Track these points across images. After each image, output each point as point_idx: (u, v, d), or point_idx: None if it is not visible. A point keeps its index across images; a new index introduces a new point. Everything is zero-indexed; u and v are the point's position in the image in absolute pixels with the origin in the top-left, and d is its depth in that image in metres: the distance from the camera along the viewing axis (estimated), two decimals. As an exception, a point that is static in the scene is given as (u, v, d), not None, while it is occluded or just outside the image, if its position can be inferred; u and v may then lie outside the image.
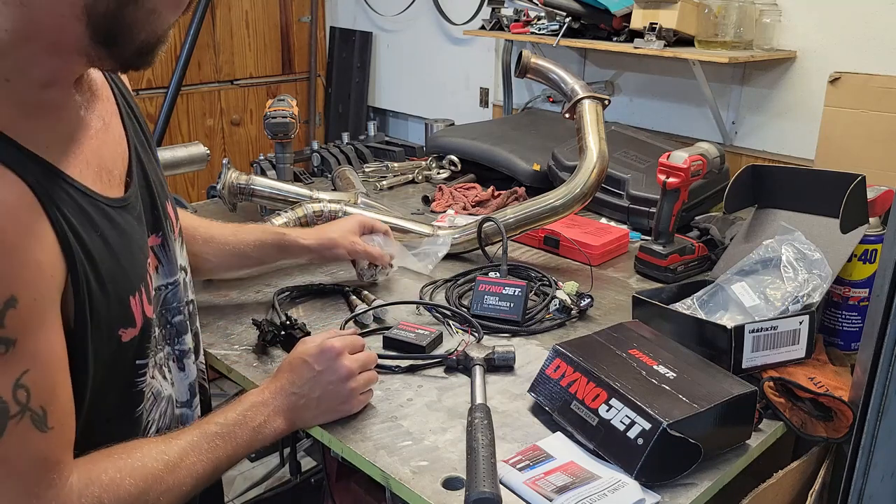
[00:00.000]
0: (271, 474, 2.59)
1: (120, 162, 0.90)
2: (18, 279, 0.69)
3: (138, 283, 0.87)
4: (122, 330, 0.84)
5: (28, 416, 0.71)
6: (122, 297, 0.83)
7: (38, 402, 0.72)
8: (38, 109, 0.76)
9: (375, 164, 2.29)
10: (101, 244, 0.80)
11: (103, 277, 0.80)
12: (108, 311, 0.81)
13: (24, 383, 0.71)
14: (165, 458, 0.84)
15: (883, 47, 1.90)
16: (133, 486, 0.79)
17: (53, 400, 0.74)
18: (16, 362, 0.70)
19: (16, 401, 0.70)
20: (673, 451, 0.95)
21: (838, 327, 1.32)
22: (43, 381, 0.73)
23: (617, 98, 2.49)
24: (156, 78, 3.12)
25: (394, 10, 3.29)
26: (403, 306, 1.42)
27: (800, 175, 1.47)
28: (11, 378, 0.70)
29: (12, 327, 0.69)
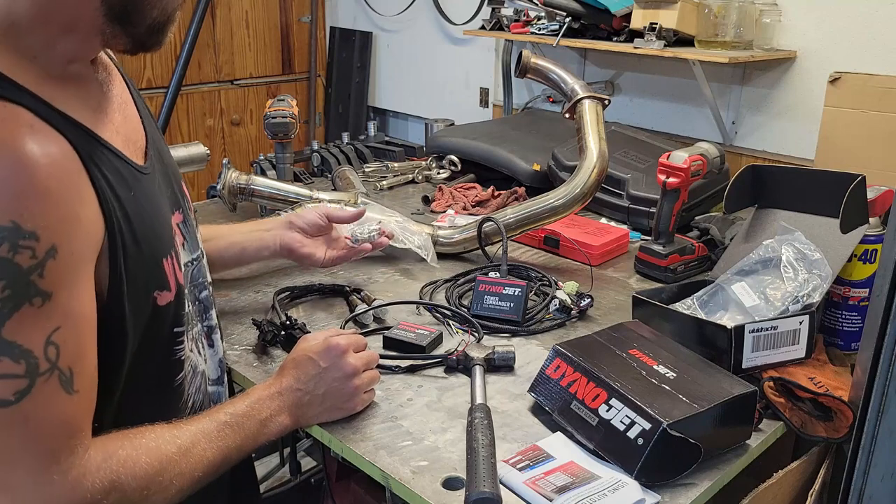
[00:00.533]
0: (271, 474, 2.59)
1: (139, 138, 0.93)
2: (60, 230, 0.70)
3: (169, 247, 0.88)
4: (158, 293, 0.85)
5: (56, 376, 0.70)
6: (156, 257, 0.85)
7: (67, 362, 0.71)
8: (66, 82, 0.79)
9: (375, 164, 2.29)
10: (135, 204, 0.82)
11: (138, 236, 0.81)
12: (143, 271, 0.82)
13: (54, 340, 0.70)
14: (178, 443, 0.83)
15: (883, 47, 1.90)
16: (149, 465, 0.79)
17: (81, 362, 0.73)
18: (49, 317, 0.70)
19: (46, 357, 0.69)
20: (673, 451, 0.95)
21: (838, 327, 1.32)
22: (73, 341, 0.72)
23: (617, 98, 2.49)
24: (156, 78, 3.12)
25: (394, 10, 3.30)
26: (403, 306, 1.42)
27: (800, 175, 1.47)
28: (44, 334, 0.69)
29: (51, 280, 0.69)
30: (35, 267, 0.68)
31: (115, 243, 0.78)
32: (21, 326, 0.68)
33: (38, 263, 0.68)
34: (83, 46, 0.80)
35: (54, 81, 0.76)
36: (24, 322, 0.68)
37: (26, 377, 0.68)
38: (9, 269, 0.66)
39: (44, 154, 0.70)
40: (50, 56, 0.77)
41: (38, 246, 0.68)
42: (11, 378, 0.68)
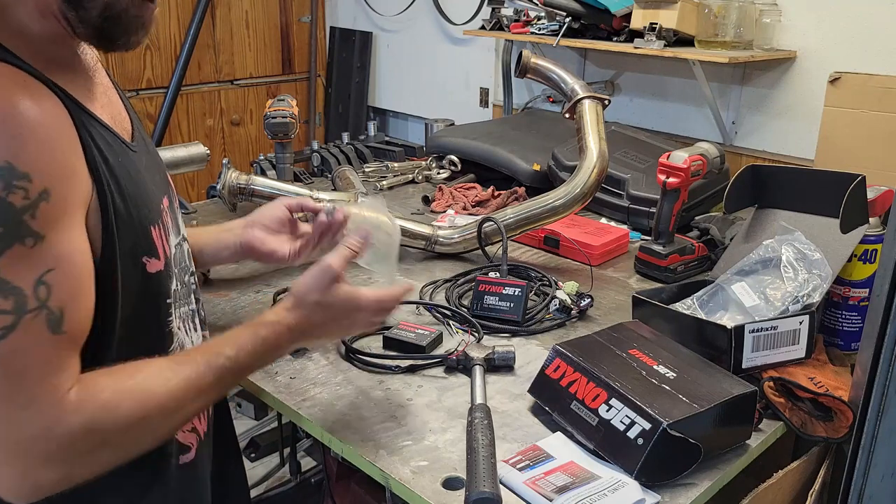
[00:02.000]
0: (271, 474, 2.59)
1: (126, 122, 0.94)
2: (53, 175, 0.72)
3: (157, 216, 0.90)
4: (147, 259, 0.86)
5: (44, 315, 0.71)
6: (144, 223, 0.86)
7: (58, 302, 0.72)
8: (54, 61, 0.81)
9: (375, 164, 2.29)
10: (124, 168, 0.84)
11: (127, 199, 0.83)
12: (133, 235, 0.83)
13: (46, 280, 0.71)
14: (169, 385, 0.82)
15: (883, 47, 1.90)
16: (131, 409, 0.78)
17: (73, 305, 0.74)
18: (41, 258, 0.71)
19: (36, 296, 0.70)
20: (673, 451, 0.95)
21: (838, 327, 1.32)
22: (66, 283, 0.73)
23: (617, 98, 2.49)
24: (156, 78, 3.12)
25: (394, 10, 3.30)
26: (403, 306, 1.42)
27: (800, 175, 1.47)
28: (35, 273, 0.71)
29: (43, 221, 0.70)
30: (28, 207, 0.70)
31: (105, 201, 0.79)
32: (12, 264, 0.69)
33: (31, 204, 0.70)
34: (58, 30, 0.82)
35: (45, 59, 0.79)
36: (16, 260, 0.69)
37: (13, 313, 0.69)
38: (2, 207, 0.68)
39: (37, 104, 0.72)
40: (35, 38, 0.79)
41: (31, 187, 0.70)
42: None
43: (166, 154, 1.88)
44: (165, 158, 1.85)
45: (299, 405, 1.12)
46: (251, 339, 0.91)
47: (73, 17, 0.80)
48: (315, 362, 1.24)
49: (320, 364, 1.24)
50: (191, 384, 0.83)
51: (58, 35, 0.82)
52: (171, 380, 0.82)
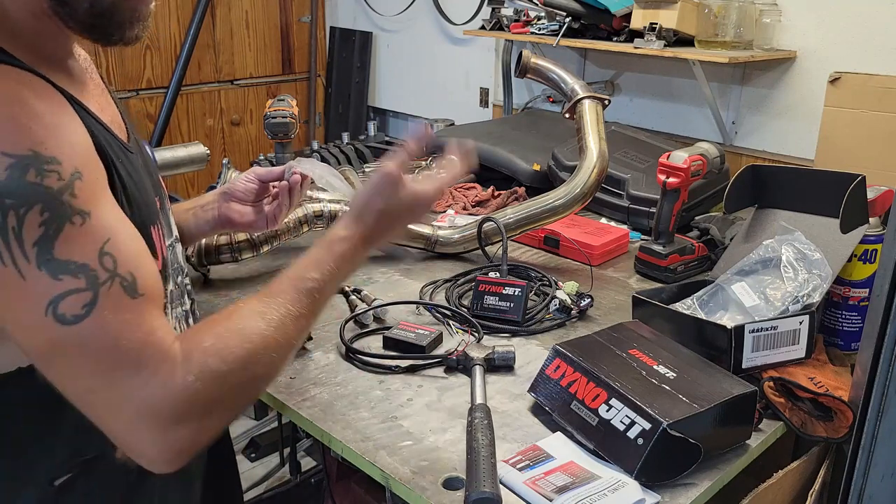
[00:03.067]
0: (271, 474, 2.59)
1: (121, 124, 0.95)
2: (78, 157, 0.72)
3: (155, 217, 0.90)
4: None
5: (118, 282, 0.72)
6: (145, 223, 0.86)
7: (126, 268, 0.73)
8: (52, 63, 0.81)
9: (375, 164, 2.29)
10: (125, 169, 0.84)
11: (131, 199, 0.83)
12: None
13: (108, 251, 0.72)
14: (268, 318, 0.82)
15: (883, 47, 1.90)
16: (239, 347, 0.78)
17: (140, 268, 0.75)
18: (95, 232, 0.71)
19: (104, 268, 0.71)
20: (673, 451, 0.95)
21: (838, 327, 1.32)
22: (126, 249, 0.74)
23: (617, 98, 2.49)
24: (156, 78, 3.12)
25: (394, 10, 3.29)
26: (403, 306, 1.42)
27: (800, 175, 1.47)
28: (95, 247, 0.71)
29: (83, 198, 0.71)
30: (65, 188, 0.70)
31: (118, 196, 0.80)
32: (70, 245, 0.70)
33: (67, 184, 0.70)
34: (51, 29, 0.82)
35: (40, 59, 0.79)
36: (71, 240, 0.70)
37: (89, 289, 0.70)
38: (41, 192, 0.68)
39: (46, 99, 0.73)
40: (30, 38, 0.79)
41: (62, 169, 0.70)
42: (76, 293, 0.69)
43: (166, 154, 1.88)
44: (165, 158, 1.86)
45: (299, 405, 1.12)
46: (330, 257, 0.92)
47: (61, 13, 0.80)
48: (315, 362, 1.24)
49: (320, 364, 1.24)
50: (288, 312, 0.84)
51: (52, 33, 0.82)
52: (267, 313, 0.83)
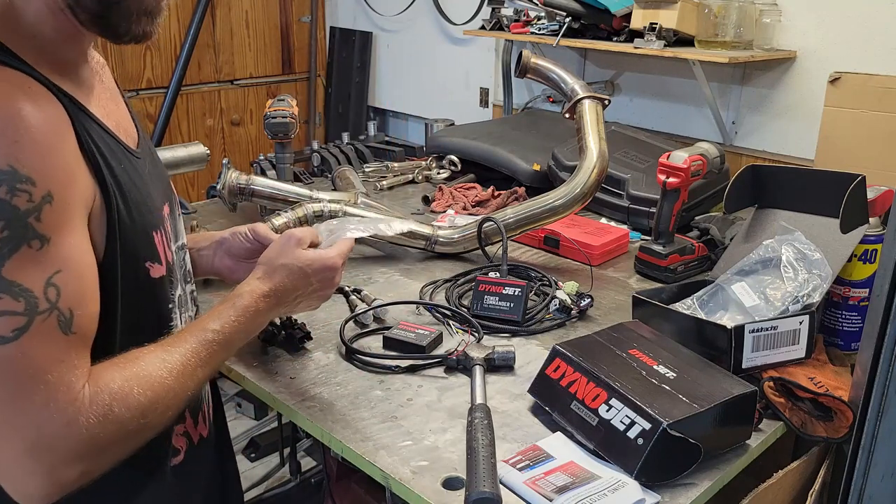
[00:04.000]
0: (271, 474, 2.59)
1: (131, 129, 0.95)
2: (55, 179, 0.72)
3: (159, 223, 0.91)
4: (150, 264, 0.88)
5: (55, 316, 0.72)
6: (147, 229, 0.87)
7: (67, 304, 0.73)
8: (61, 64, 0.82)
9: (375, 164, 2.29)
10: (127, 175, 0.85)
11: (130, 205, 0.84)
12: (135, 239, 0.85)
13: (55, 282, 0.72)
14: (168, 366, 0.83)
15: (883, 47, 1.90)
16: (142, 394, 0.79)
17: (81, 306, 0.75)
18: (49, 260, 0.72)
19: (46, 298, 0.71)
20: (673, 451, 0.95)
21: (838, 327, 1.32)
22: (73, 284, 0.74)
23: (617, 98, 2.49)
24: (156, 78, 3.12)
25: (394, 10, 3.29)
26: (403, 306, 1.42)
27: (800, 175, 1.47)
28: (44, 275, 0.72)
29: (48, 224, 0.71)
30: (32, 210, 0.70)
31: (110, 205, 0.80)
32: (21, 267, 0.70)
33: (35, 207, 0.70)
34: (67, 27, 0.82)
35: (50, 61, 0.80)
36: (24, 263, 0.70)
37: (25, 315, 0.70)
38: (7, 210, 0.69)
39: (39, 109, 0.73)
40: (44, 39, 0.80)
41: (34, 190, 0.70)
42: (10, 315, 0.70)
43: (166, 154, 1.88)
44: (165, 158, 1.86)
45: (299, 405, 1.13)
46: (231, 309, 0.94)
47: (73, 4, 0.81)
48: (315, 362, 1.24)
49: (320, 364, 1.24)
50: (186, 361, 0.85)
51: (67, 34, 0.83)
52: (168, 360, 0.83)
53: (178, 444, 0.98)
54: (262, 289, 0.98)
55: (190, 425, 1.01)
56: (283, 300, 1.00)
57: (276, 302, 0.99)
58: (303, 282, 1.01)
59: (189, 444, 1.00)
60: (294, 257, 1.01)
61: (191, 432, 1.01)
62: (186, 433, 1.00)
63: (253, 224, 1.20)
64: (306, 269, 1.01)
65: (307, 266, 1.01)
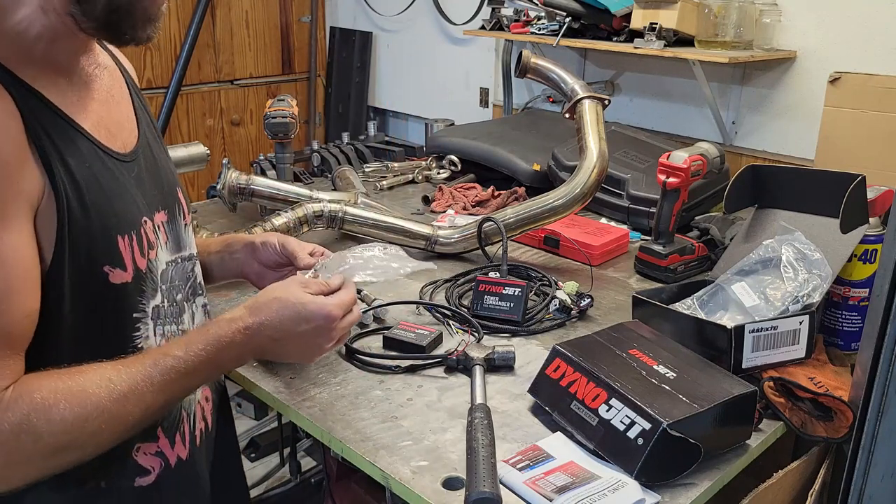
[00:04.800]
0: (271, 474, 2.59)
1: (126, 135, 0.93)
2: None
3: (130, 228, 0.87)
4: (110, 268, 0.84)
5: None
6: (108, 232, 0.84)
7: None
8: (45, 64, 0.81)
9: (375, 164, 2.29)
10: (91, 176, 0.82)
11: (88, 206, 0.81)
12: (90, 241, 0.82)
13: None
14: (111, 387, 0.79)
15: (883, 47, 1.90)
16: (68, 411, 0.75)
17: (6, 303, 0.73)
18: None
19: None
20: (673, 451, 0.95)
21: (838, 327, 1.32)
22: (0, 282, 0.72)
23: (617, 98, 2.49)
24: (156, 78, 3.12)
25: (394, 10, 3.29)
26: (403, 306, 1.42)
27: (800, 175, 1.47)
28: None
29: None
30: None
31: (62, 207, 0.78)
32: None
33: None
34: (59, 28, 0.82)
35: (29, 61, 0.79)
36: None
37: None
38: None
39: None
40: (28, 38, 0.79)
41: None
42: None
43: (166, 154, 1.88)
44: (165, 158, 1.86)
45: (299, 405, 1.12)
46: (201, 337, 0.88)
47: (77, 12, 0.81)
48: (315, 362, 1.24)
49: (320, 364, 1.24)
50: (135, 386, 0.80)
51: (57, 34, 0.82)
52: (114, 381, 0.79)
53: (148, 463, 0.93)
54: (244, 321, 0.91)
55: (165, 445, 0.96)
56: (266, 338, 0.92)
57: (257, 339, 0.91)
58: (292, 323, 0.93)
59: (163, 465, 0.95)
60: (290, 293, 0.95)
61: (166, 452, 0.96)
62: (161, 453, 0.95)
63: (284, 237, 1.17)
64: (300, 308, 0.94)
65: (301, 306, 0.94)
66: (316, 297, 0.96)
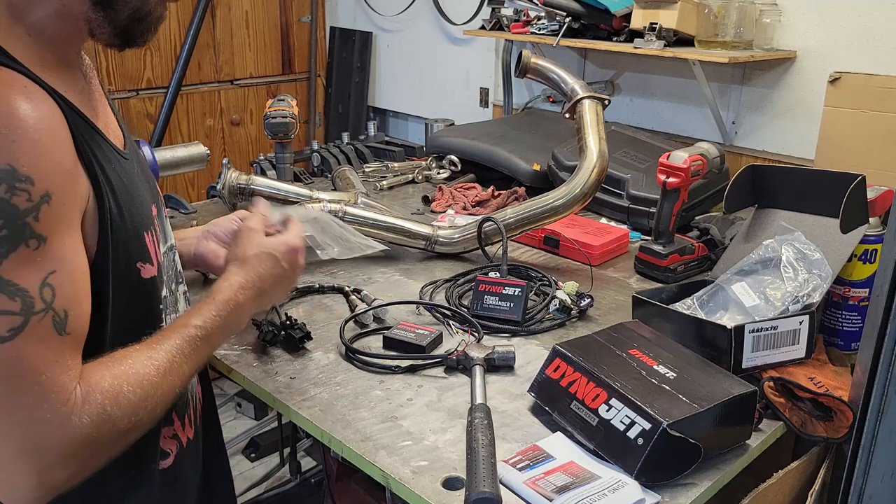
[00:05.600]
0: (271, 474, 2.60)
1: (116, 131, 0.96)
2: (53, 179, 0.73)
3: (149, 223, 0.91)
4: (141, 264, 0.88)
5: (50, 316, 0.72)
6: (138, 230, 0.87)
7: (62, 304, 0.73)
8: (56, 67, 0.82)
9: (375, 164, 2.29)
10: (118, 176, 0.85)
11: (122, 206, 0.84)
12: (126, 240, 0.85)
13: (50, 283, 0.72)
14: (155, 364, 0.83)
15: (883, 47, 1.90)
16: (132, 392, 0.79)
17: (75, 306, 0.76)
18: (45, 260, 0.72)
19: (41, 298, 0.72)
20: (673, 451, 0.95)
21: (838, 327, 1.32)
22: (67, 285, 0.74)
23: (617, 98, 2.49)
24: (156, 78, 3.12)
25: (394, 10, 3.29)
26: (403, 306, 1.42)
27: (800, 175, 1.47)
28: (40, 275, 0.72)
29: (45, 224, 0.72)
30: (31, 210, 0.70)
31: (104, 207, 0.81)
32: (17, 266, 0.70)
33: (34, 207, 0.71)
34: (72, 32, 0.83)
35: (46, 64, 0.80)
36: (21, 262, 0.70)
37: (21, 314, 0.70)
38: (6, 209, 0.69)
39: (37, 109, 0.73)
40: (43, 40, 0.80)
41: (33, 190, 0.70)
42: (7, 315, 0.70)
43: (166, 154, 1.88)
44: (165, 158, 1.86)
45: (299, 405, 1.13)
46: (212, 305, 0.94)
47: (99, 17, 0.82)
48: (315, 362, 1.24)
49: (320, 364, 1.24)
50: (172, 358, 0.85)
51: (69, 36, 0.83)
52: (155, 358, 0.84)
53: (168, 446, 0.98)
54: (239, 281, 0.99)
55: (178, 427, 1.01)
56: (261, 289, 1.01)
57: (256, 293, 1.00)
58: (274, 267, 1.03)
59: (179, 446, 1.00)
60: (259, 244, 1.04)
61: (179, 434, 1.01)
62: (175, 436, 1.00)
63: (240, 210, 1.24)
64: (275, 253, 1.04)
65: (274, 250, 1.04)
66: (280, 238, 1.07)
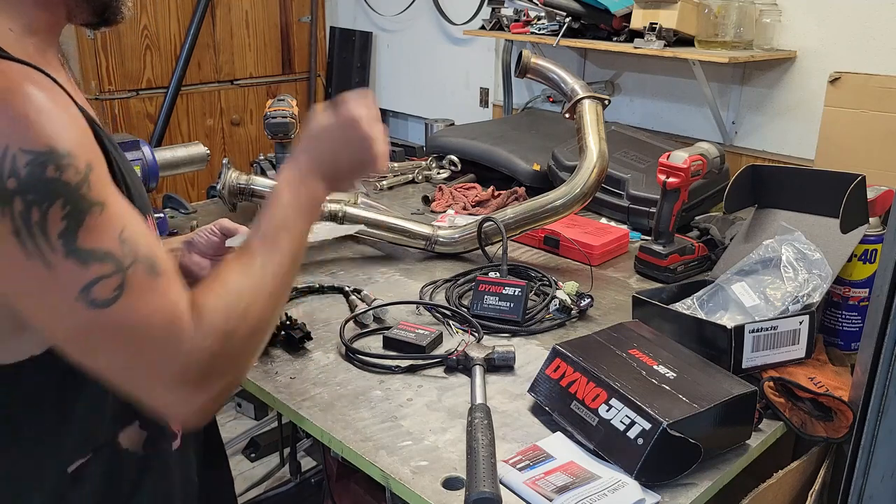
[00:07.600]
0: (271, 474, 2.59)
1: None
2: (87, 149, 0.75)
3: (147, 208, 0.92)
4: None
5: (141, 265, 0.75)
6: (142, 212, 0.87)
7: (144, 252, 0.76)
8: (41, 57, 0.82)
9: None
10: (122, 158, 0.87)
11: (130, 186, 0.85)
12: None
13: (125, 237, 0.75)
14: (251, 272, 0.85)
15: (883, 47, 1.90)
16: (236, 303, 0.81)
17: (155, 249, 0.78)
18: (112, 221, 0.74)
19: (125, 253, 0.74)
20: (673, 451, 0.95)
21: (838, 327, 1.32)
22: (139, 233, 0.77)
23: (617, 98, 2.49)
24: (156, 78, 3.12)
25: (394, 10, 3.29)
26: (403, 306, 1.42)
27: (800, 175, 1.47)
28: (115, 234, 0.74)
29: (98, 190, 0.74)
30: (83, 181, 0.72)
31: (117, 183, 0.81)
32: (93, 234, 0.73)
33: (84, 178, 0.73)
34: (50, 20, 0.84)
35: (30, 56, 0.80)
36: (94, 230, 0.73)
37: (117, 274, 0.73)
38: (62, 188, 0.71)
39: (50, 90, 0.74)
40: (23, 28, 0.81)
41: (78, 163, 0.73)
42: (105, 279, 0.72)
43: (166, 154, 1.88)
44: (165, 158, 1.86)
45: (299, 405, 1.13)
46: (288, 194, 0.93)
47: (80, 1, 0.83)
48: (315, 362, 1.24)
49: (320, 364, 1.24)
50: (266, 262, 0.87)
51: (49, 25, 0.84)
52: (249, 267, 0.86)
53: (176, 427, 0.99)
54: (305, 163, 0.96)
55: None
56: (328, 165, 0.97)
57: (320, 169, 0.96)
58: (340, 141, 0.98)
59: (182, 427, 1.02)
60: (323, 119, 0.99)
61: None
62: None
63: (219, 220, 1.20)
64: (340, 126, 0.98)
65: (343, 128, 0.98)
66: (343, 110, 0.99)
